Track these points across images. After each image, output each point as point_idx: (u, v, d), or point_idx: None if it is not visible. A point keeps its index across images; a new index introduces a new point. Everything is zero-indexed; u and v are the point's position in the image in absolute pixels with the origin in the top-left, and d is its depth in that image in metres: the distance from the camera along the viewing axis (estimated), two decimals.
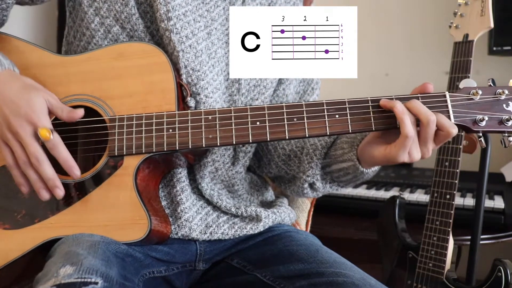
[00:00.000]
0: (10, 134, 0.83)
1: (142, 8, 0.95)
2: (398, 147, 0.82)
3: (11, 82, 0.84)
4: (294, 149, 1.05)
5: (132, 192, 0.86)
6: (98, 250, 0.78)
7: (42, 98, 0.84)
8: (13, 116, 0.82)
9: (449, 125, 0.81)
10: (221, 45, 0.99)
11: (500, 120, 0.82)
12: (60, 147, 0.83)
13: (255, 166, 1.13)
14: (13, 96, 0.82)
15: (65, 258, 0.75)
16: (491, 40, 1.84)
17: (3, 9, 0.95)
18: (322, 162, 1.00)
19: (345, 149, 0.95)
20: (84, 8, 0.97)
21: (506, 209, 1.55)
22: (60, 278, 0.69)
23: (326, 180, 1.02)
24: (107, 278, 0.71)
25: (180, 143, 0.86)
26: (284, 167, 1.07)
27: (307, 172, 1.00)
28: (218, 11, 0.99)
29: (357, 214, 1.77)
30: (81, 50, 1.00)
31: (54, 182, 0.83)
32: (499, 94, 0.83)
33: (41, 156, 0.82)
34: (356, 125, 0.84)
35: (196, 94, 0.93)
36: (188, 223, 0.95)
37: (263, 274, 0.93)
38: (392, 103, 0.82)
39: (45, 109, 0.84)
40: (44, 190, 0.84)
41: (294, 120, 0.85)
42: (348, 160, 0.94)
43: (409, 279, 1.39)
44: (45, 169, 0.82)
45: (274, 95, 1.08)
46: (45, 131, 0.80)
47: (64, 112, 0.85)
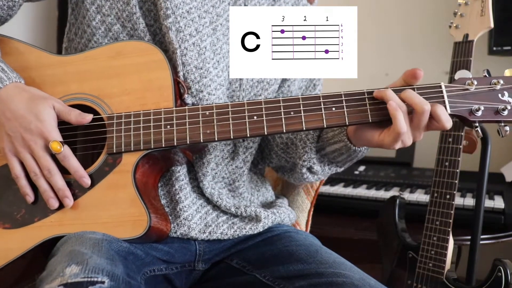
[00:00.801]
0: (22, 148, 0.86)
1: (146, 7, 0.96)
2: (391, 138, 0.83)
3: (19, 96, 0.87)
4: (290, 137, 1.07)
5: (131, 189, 0.86)
6: (102, 249, 0.78)
7: (50, 109, 0.87)
8: (23, 130, 0.85)
9: (445, 119, 0.82)
10: (226, 41, 0.99)
11: (496, 110, 0.83)
12: (71, 158, 0.87)
13: (259, 158, 1.14)
14: (22, 110, 0.86)
15: (69, 257, 0.75)
16: (491, 40, 1.84)
17: (9, 7, 0.96)
18: (316, 146, 1.01)
19: (335, 131, 0.96)
20: (86, 5, 0.98)
21: (506, 209, 1.55)
22: (66, 277, 0.69)
23: (324, 163, 1.03)
24: (113, 277, 0.71)
25: (178, 139, 0.87)
26: (283, 156, 1.08)
27: (303, 157, 1.01)
28: (224, 7, 0.99)
29: (357, 214, 1.77)
30: (81, 47, 1.01)
31: (64, 193, 0.87)
32: (494, 84, 0.83)
33: (53, 169, 0.86)
34: (352, 117, 0.85)
35: (199, 92, 0.93)
36: (187, 221, 0.95)
37: (262, 274, 0.93)
38: (387, 96, 0.83)
39: (54, 121, 0.87)
40: (53, 199, 0.87)
41: (291, 113, 0.86)
42: (339, 141, 0.95)
43: (409, 279, 1.39)
44: (56, 180, 0.87)
45: (278, 92, 1.09)
46: (56, 144, 0.85)
47: (72, 116, 0.88)
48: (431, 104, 0.82)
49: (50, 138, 0.85)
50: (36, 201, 0.89)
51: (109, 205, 0.87)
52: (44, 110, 0.86)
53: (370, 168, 2.01)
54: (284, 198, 1.16)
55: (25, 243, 0.87)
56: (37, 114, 0.85)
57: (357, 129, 0.91)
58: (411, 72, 0.84)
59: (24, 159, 0.87)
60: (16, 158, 0.88)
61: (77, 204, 0.88)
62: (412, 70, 0.84)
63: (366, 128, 0.89)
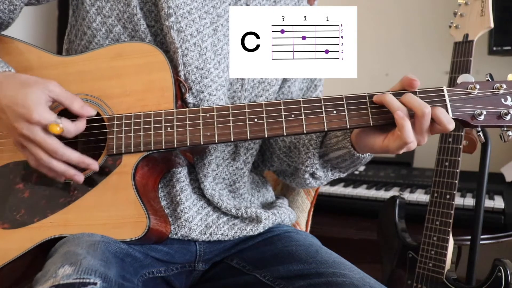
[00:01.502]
0: (22, 138, 0.83)
1: (147, 7, 0.96)
2: (396, 144, 0.83)
3: (6, 85, 0.83)
4: (293, 141, 1.06)
5: (130, 190, 0.86)
6: (97, 250, 0.78)
7: (38, 91, 0.82)
8: (14, 120, 0.82)
9: (447, 121, 0.81)
10: (227, 42, 0.99)
11: (498, 114, 0.82)
12: (73, 130, 0.83)
13: (259, 161, 1.14)
14: (9, 100, 0.82)
15: (64, 258, 0.75)
16: (491, 40, 1.84)
17: (10, 10, 0.96)
18: (319, 152, 1.00)
19: (339, 137, 0.95)
20: (86, 7, 0.97)
21: (506, 209, 1.55)
22: (59, 278, 0.69)
23: (327, 168, 1.02)
24: (105, 278, 0.71)
25: (178, 140, 0.86)
26: (285, 159, 1.08)
27: (306, 162, 1.01)
28: (224, 7, 0.99)
29: (357, 214, 1.77)
30: (81, 49, 1.00)
31: (84, 161, 0.84)
32: (497, 88, 0.83)
33: (60, 148, 0.82)
34: (353, 120, 0.84)
35: (199, 92, 0.93)
36: (188, 223, 0.95)
37: (262, 274, 0.93)
38: (388, 102, 0.82)
39: (40, 100, 0.82)
40: (77, 175, 0.85)
41: (291, 116, 0.85)
42: (342, 148, 0.94)
43: (409, 279, 1.39)
44: (69, 155, 0.83)
45: (279, 92, 1.09)
46: (53, 126, 0.81)
47: (75, 105, 0.84)
48: (432, 107, 0.81)
49: (40, 119, 0.80)
50: (35, 201, 0.89)
51: (108, 206, 0.87)
52: (31, 94, 0.81)
53: (370, 168, 2.01)
54: (284, 199, 1.16)
55: (25, 243, 0.87)
56: (23, 99, 0.81)
57: (360, 135, 0.90)
58: (408, 82, 0.84)
59: (28, 148, 0.83)
60: (26, 149, 0.84)
61: (77, 205, 0.88)
62: (409, 79, 0.83)
63: (369, 133, 0.88)
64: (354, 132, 0.92)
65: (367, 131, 0.89)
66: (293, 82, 1.09)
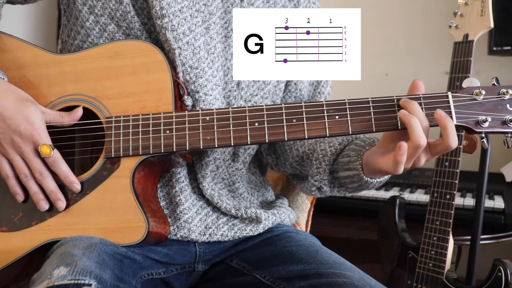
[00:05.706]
0: (12, 149, 0.85)
1: (139, 5, 0.95)
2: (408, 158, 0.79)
3: (4, 95, 0.85)
4: (306, 151, 1.04)
5: (129, 194, 0.85)
6: (94, 252, 0.78)
7: (39, 113, 0.86)
8: (13, 132, 0.84)
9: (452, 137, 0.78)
10: (220, 40, 0.98)
11: (503, 121, 0.81)
12: (60, 162, 0.86)
13: (273, 164, 1.13)
14: (10, 113, 0.84)
15: (60, 259, 0.75)
16: (491, 40, 1.84)
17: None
18: (331, 168, 0.99)
19: (351, 157, 0.94)
20: (78, 6, 0.96)
21: (506, 209, 1.55)
22: (53, 279, 0.69)
23: (334, 184, 1.01)
24: (100, 280, 0.71)
25: (177, 144, 0.85)
26: (298, 168, 1.07)
27: (315, 177, 1.00)
28: (216, 5, 0.98)
29: (357, 214, 1.77)
30: (75, 48, 0.99)
31: (56, 195, 0.86)
32: (503, 94, 0.81)
33: (44, 171, 0.86)
34: (356, 126, 0.83)
35: (195, 92, 0.92)
36: (188, 224, 0.94)
37: (262, 275, 0.93)
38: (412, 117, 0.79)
39: (44, 124, 0.86)
40: (43, 201, 0.87)
41: (293, 121, 0.84)
42: (353, 169, 0.93)
43: (409, 279, 1.39)
44: (48, 182, 0.86)
45: (286, 91, 1.08)
46: (46, 148, 0.84)
47: (64, 118, 0.88)
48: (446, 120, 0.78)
49: (40, 142, 0.84)
50: (33, 205, 0.88)
51: (107, 210, 0.86)
52: (34, 113, 0.85)
53: None
54: (284, 198, 1.15)
55: (23, 246, 0.86)
56: (26, 117, 0.84)
57: (371, 156, 0.88)
58: (412, 85, 0.84)
59: (14, 160, 0.86)
60: (5, 158, 0.87)
61: (75, 209, 0.87)
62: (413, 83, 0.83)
63: (381, 155, 0.86)
64: (366, 155, 0.91)
65: (378, 153, 0.87)
66: (300, 80, 1.08)
